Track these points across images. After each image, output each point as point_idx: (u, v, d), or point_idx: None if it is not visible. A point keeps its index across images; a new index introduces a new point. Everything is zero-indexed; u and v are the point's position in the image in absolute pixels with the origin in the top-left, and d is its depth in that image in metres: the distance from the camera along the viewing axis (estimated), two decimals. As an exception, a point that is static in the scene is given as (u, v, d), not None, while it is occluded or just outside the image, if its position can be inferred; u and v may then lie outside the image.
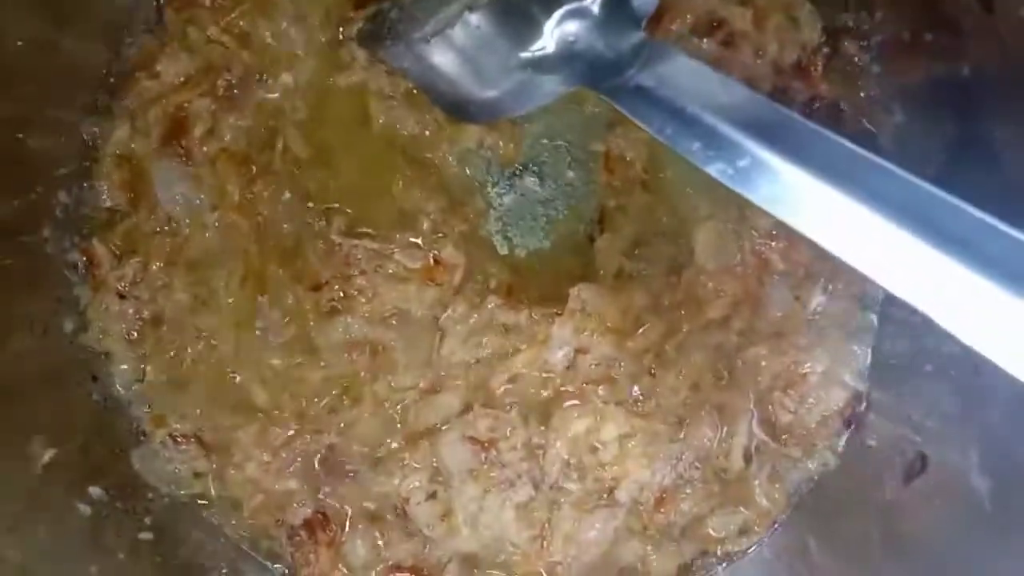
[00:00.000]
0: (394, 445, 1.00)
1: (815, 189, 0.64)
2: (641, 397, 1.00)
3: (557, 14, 0.85)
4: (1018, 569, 0.79)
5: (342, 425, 1.01)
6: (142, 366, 1.03)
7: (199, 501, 1.03)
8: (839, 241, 0.62)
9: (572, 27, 0.85)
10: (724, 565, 1.03)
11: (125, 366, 1.03)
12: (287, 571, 1.03)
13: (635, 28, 0.81)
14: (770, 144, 0.67)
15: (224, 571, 1.02)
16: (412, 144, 1.05)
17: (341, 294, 1.01)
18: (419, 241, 1.02)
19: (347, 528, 1.00)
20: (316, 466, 1.00)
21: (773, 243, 1.02)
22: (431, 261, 1.01)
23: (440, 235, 1.02)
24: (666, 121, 0.72)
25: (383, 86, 1.04)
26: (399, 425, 1.01)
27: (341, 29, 1.05)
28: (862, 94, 1.04)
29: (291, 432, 1.00)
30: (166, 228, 1.03)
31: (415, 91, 1.02)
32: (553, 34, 0.85)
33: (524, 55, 0.87)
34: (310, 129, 1.05)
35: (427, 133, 1.05)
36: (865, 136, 1.03)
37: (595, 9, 0.84)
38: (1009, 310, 0.55)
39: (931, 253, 0.58)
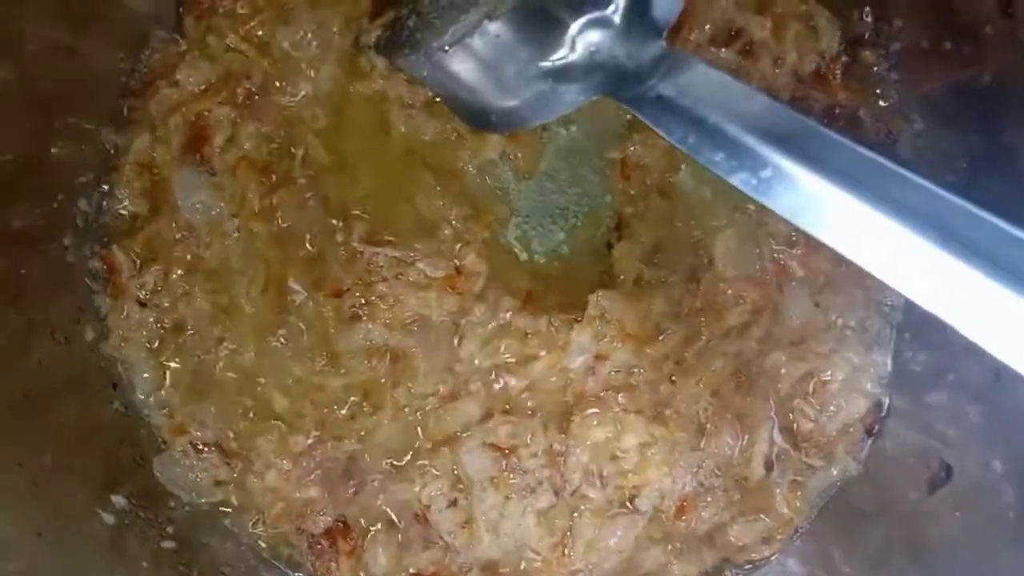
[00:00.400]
0: (415, 452, 1.01)
1: (837, 199, 0.64)
2: (661, 404, 1.00)
3: (578, 23, 0.85)
4: None
5: (362, 432, 1.01)
6: (163, 374, 1.04)
7: (221, 509, 1.03)
8: (861, 250, 0.63)
9: (593, 36, 0.85)
10: (746, 573, 1.03)
11: (146, 374, 1.04)
12: (307, 579, 1.03)
13: (656, 38, 0.81)
14: (792, 154, 0.67)
15: (245, 579, 1.03)
16: (433, 152, 1.06)
17: (362, 301, 1.02)
18: (441, 249, 1.03)
19: (368, 536, 1.00)
20: (337, 474, 1.00)
21: (792, 250, 1.02)
22: (454, 270, 1.01)
23: (463, 243, 1.02)
24: (688, 131, 0.72)
25: (403, 95, 1.04)
26: (420, 432, 1.01)
27: (360, 37, 1.05)
28: (881, 102, 1.04)
29: (312, 440, 1.01)
30: (186, 236, 1.04)
31: (435, 100, 1.03)
32: (574, 43, 0.85)
33: (544, 64, 0.87)
34: (330, 137, 1.06)
35: (451, 140, 1.06)
36: (884, 144, 1.03)
37: (616, 19, 0.84)
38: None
39: (951, 262, 0.59)
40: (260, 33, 1.06)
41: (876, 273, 0.62)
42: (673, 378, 1.00)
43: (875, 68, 1.04)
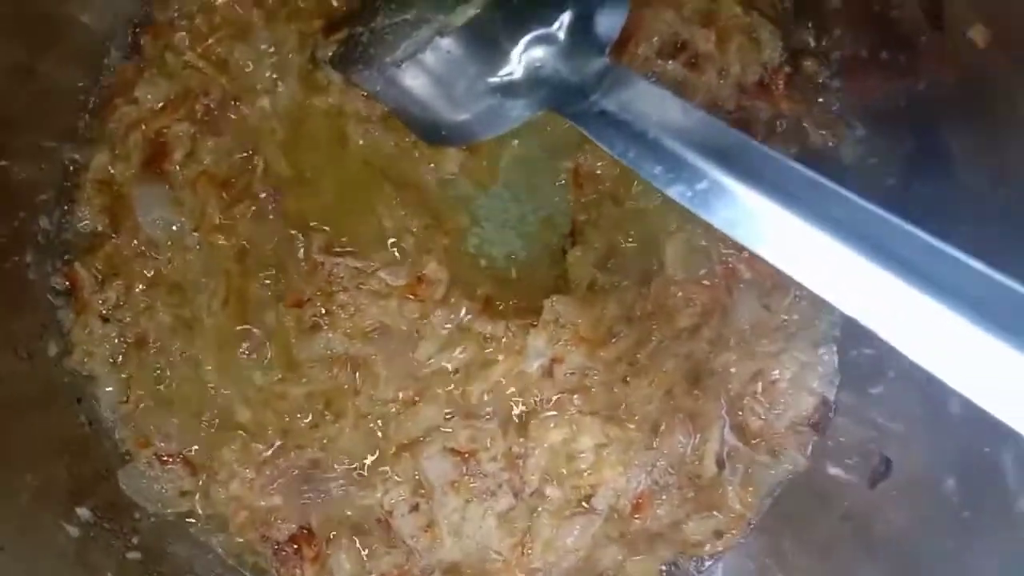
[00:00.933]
0: (376, 458, 1.03)
1: (771, 212, 0.67)
2: (616, 405, 1.02)
3: (524, 40, 0.88)
4: (987, 564, 0.82)
5: (325, 440, 1.03)
6: (126, 388, 1.05)
7: (186, 519, 1.04)
8: (794, 262, 0.66)
9: (539, 52, 0.87)
10: (700, 568, 1.05)
11: (110, 388, 1.05)
12: (274, 586, 1.05)
13: (599, 55, 0.84)
14: (728, 168, 0.70)
15: (212, 587, 1.04)
16: (392, 165, 1.07)
17: (323, 311, 1.03)
18: (403, 258, 1.05)
19: (332, 542, 1.02)
20: (300, 481, 1.02)
21: (741, 253, 1.04)
22: (415, 278, 1.03)
23: (424, 252, 1.04)
24: (628, 145, 0.75)
25: (359, 109, 1.06)
26: (381, 438, 1.03)
27: (316, 53, 1.06)
28: (824, 110, 1.07)
29: (274, 448, 1.02)
30: (148, 251, 1.05)
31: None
32: (521, 59, 0.88)
33: (493, 80, 0.89)
34: (289, 151, 1.07)
35: (409, 153, 1.07)
36: (827, 150, 1.06)
37: (561, 35, 0.86)
38: (951, 327, 0.59)
39: (880, 274, 0.62)
40: (218, 50, 1.07)
41: (809, 285, 0.65)
42: (627, 379, 1.02)
43: (818, 77, 1.07)
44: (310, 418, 1.03)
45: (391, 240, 1.06)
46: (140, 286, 1.04)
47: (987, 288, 0.58)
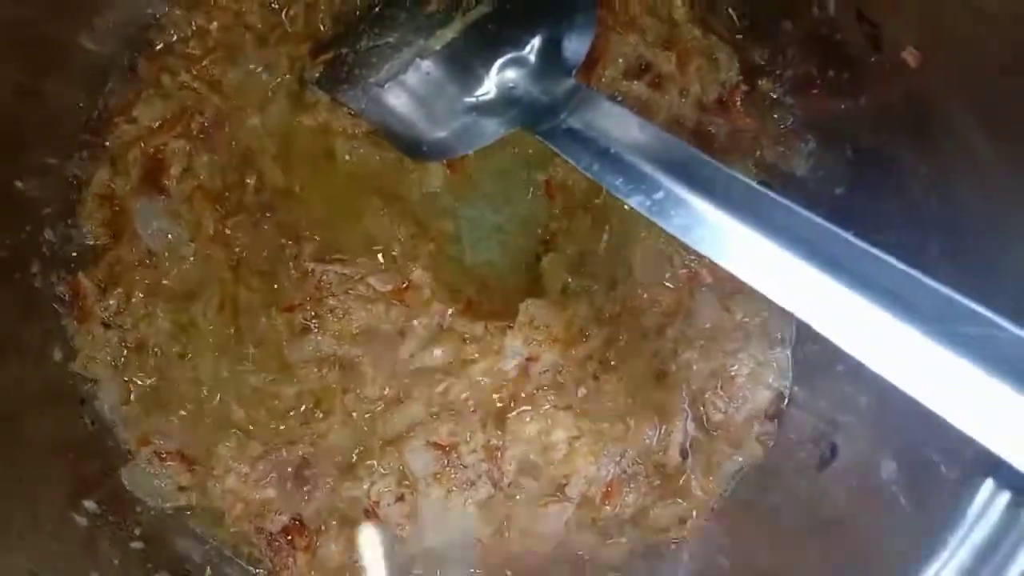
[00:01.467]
0: (363, 452, 1.08)
1: (719, 219, 0.74)
2: (586, 400, 1.08)
3: (498, 62, 0.96)
4: (924, 547, 0.84)
5: (315, 436, 1.08)
6: (127, 389, 1.09)
7: (185, 512, 1.09)
8: (740, 264, 0.72)
9: (511, 74, 0.95)
10: (666, 551, 1.11)
11: (112, 390, 1.09)
12: (268, 574, 1.09)
13: (567, 76, 0.91)
14: (681, 180, 0.77)
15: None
16: (378, 178, 1.13)
17: (313, 315, 1.08)
18: (389, 265, 1.10)
19: (322, 532, 1.07)
20: (292, 476, 1.07)
21: (702, 259, 1.10)
22: (402, 285, 1.09)
23: (410, 259, 1.10)
24: (593, 159, 0.82)
25: (346, 126, 1.12)
26: (368, 434, 1.08)
27: (304, 74, 1.12)
28: (778, 125, 1.14)
29: (267, 445, 1.07)
30: (147, 261, 1.10)
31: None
32: (495, 80, 0.95)
33: (469, 100, 0.96)
34: (280, 166, 1.12)
35: (394, 167, 1.13)
36: (781, 162, 1.13)
37: (532, 58, 0.94)
38: (882, 324, 0.65)
39: (817, 275, 0.68)
40: (212, 72, 1.13)
41: (752, 283, 0.71)
42: (597, 376, 1.08)
43: (772, 95, 1.14)
44: (301, 416, 1.08)
45: (378, 248, 1.11)
46: (140, 294, 1.10)
47: (914, 289, 0.65)
